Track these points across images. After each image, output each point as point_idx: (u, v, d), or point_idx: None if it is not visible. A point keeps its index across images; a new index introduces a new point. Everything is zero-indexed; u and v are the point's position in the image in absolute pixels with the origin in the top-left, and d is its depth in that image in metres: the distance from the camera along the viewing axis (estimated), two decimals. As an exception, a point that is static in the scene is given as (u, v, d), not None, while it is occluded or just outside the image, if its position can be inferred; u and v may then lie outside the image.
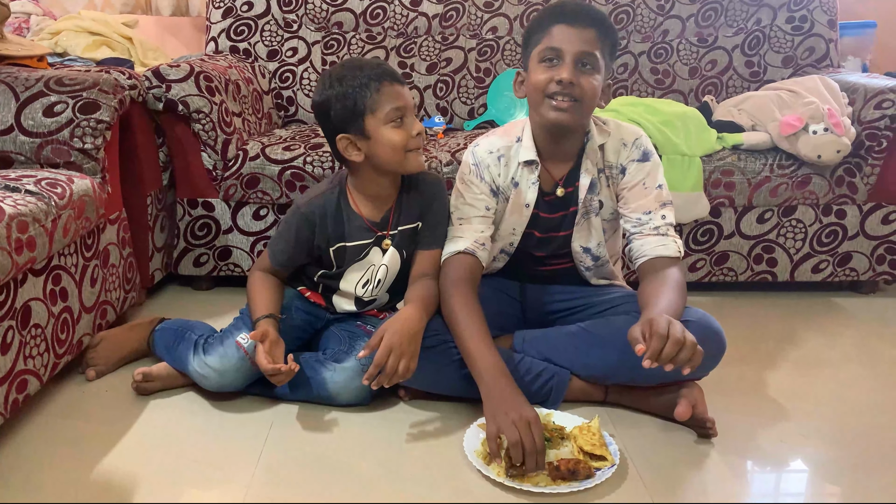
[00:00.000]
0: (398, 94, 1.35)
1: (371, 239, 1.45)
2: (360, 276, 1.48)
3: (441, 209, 1.47)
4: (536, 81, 1.36)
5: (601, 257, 1.51)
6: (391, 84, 1.34)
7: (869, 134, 1.96)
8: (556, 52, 1.33)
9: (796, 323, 1.93)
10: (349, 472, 1.24)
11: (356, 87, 1.33)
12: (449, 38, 2.46)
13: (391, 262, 1.47)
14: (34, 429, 1.34)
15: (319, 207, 1.43)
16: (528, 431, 1.16)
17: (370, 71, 1.34)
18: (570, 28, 1.32)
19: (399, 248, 1.47)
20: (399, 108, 1.34)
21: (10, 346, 1.24)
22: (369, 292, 1.50)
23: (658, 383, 1.39)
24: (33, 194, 1.31)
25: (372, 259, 1.47)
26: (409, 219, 1.46)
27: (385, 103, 1.33)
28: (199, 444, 1.31)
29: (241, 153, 1.92)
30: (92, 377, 1.51)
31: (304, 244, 1.45)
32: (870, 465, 1.29)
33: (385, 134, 1.34)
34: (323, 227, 1.43)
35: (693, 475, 1.26)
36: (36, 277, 1.33)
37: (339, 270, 1.48)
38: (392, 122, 1.34)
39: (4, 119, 1.52)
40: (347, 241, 1.45)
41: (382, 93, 1.33)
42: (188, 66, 1.88)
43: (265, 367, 1.32)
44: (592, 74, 1.34)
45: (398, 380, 1.29)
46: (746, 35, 2.45)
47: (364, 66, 1.36)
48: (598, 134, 1.44)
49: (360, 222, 1.44)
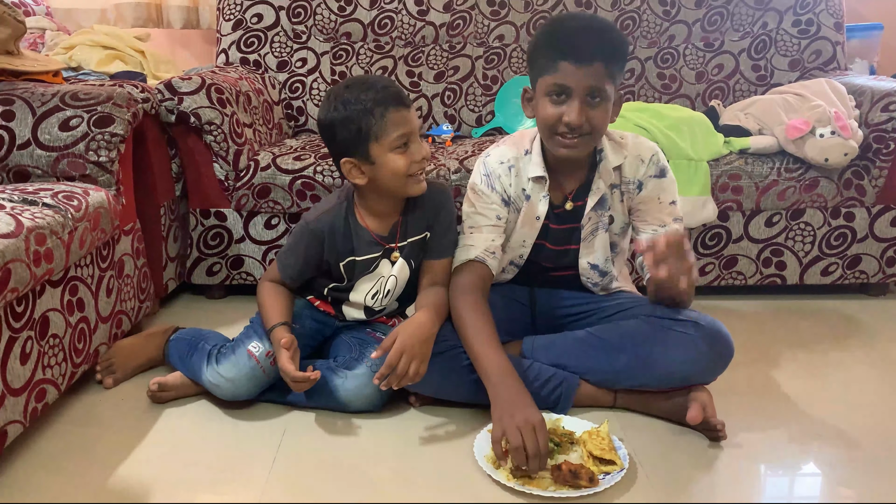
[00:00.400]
0: (403, 120, 1.33)
1: (380, 252, 1.46)
2: (370, 287, 1.50)
3: (448, 218, 1.48)
4: (545, 115, 1.34)
5: (608, 272, 1.52)
6: (396, 109, 1.32)
7: (876, 136, 1.96)
8: (563, 88, 1.30)
9: (806, 326, 1.93)
10: (361, 476, 1.26)
11: (361, 112, 1.31)
12: (456, 46, 2.48)
13: (400, 273, 1.49)
14: (53, 436, 1.36)
15: (328, 224, 1.44)
16: (531, 435, 1.18)
17: (375, 95, 1.31)
18: (578, 67, 1.28)
19: (408, 258, 1.48)
20: (404, 135, 1.33)
21: (29, 357, 1.27)
22: (379, 302, 1.52)
23: (667, 388, 1.40)
24: (50, 207, 1.34)
25: (381, 271, 1.48)
26: (417, 230, 1.47)
27: (390, 130, 1.32)
28: (214, 450, 1.33)
29: (252, 163, 1.94)
30: (109, 385, 1.54)
31: (314, 259, 1.47)
32: (882, 467, 1.29)
33: (389, 159, 1.34)
34: (332, 242, 1.45)
35: (703, 478, 1.26)
36: (54, 289, 1.36)
37: (349, 284, 1.50)
38: (397, 148, 1.34)
39: (22, 133, 1.55)
40: (357, 256, 1.46)
41: (388, 119, 1.31)
42: (199, 79, 1.91)
43: (294, 374, 1.33)
44: (602, 105, 1.31)
45: (408, 382, 1.31)
46: (753, 39, 2.46)
47: (369, 87, 1.33)
48: (612, 153, 1.43)
49: (369, 236, 1.45)
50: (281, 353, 1.35)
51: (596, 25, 1.34)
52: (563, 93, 1.31)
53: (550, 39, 1.33)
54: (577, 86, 1.29)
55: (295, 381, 1.34)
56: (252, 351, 1.41)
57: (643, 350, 1.38)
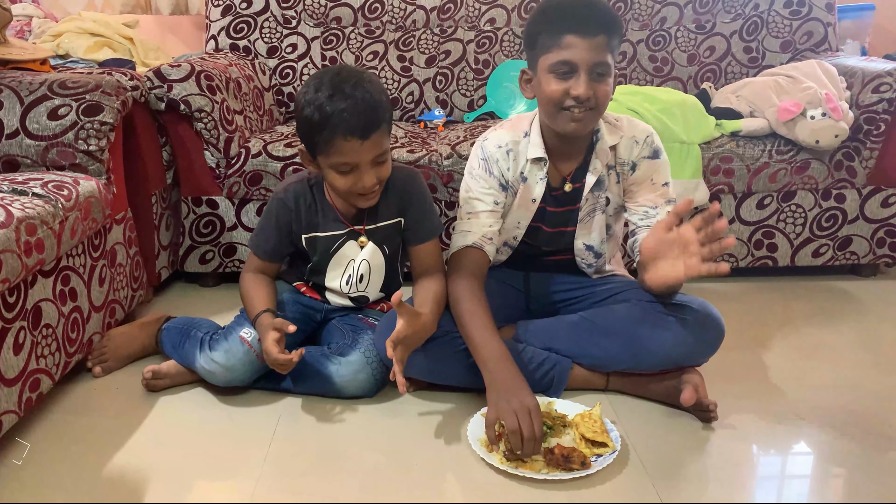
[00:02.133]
0: (352, 150, 1.28)
1: (343, 231, 1.46)
2: (340, 272, 1.50)
3: (421, 202, 1.47)
4: (550, 92, 1.33)
5: (603, 254, 1.53)
6: (346, 139, 1.27)
7: (867, 118, 1.97)
8: (569, 65, 1.30)
9: (797, 307, 1.94)
10: (356, 461, 1.27)
11: (317, 122, 1.28)
12: (447, 30, 2.47)
13: (372, 259, 1.48)
14: (47, 426, 1.37)
15: (295, 193, 1.45)
16: (527, 419, 1.19)
17: (334, 112, 1.26)
18: (583, 39, 1.28)
19: (381, 244, 1.48)
20: (348, 164, 1.31)
21: (22, 347, 1.27)
22: (354, 287, 1.51)
23: (659, 370, 1.42)
24: (40, 197, 1.34)
25: (348, 254, 1.48)
26: (388, 215, 1.46)
27: (333, 156, 1.30)
28: (209, 437, 1.34)
29: (243, 151, 1.94)
30: (98, 373, 1.54)
31: (285, 229, 1.47)
32: (873, 447, 1.31)
33: (330, 175, 1.34)
34: (298, 212, 1.45)
35: (694, 459, 1.28)
36: (45, 279, 1.36)
37: (316, 263, 1.49)
38: (339, 171, 1.32)
39: (10, 123, 1.54)
40: (319, 232, 1.46)
41: (335, 144, 1.28)
42: (189, 66, 1.90)
43: (276, 356, 1.31)
44: (606, 80, 1.32)
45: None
46: (744, 21, 2.45)
47: (339, 98, 1.26)
48: (608, 133, 1.43)
49: (334, 214, 1.45)
50: (268, 334, 1.33)
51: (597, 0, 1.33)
52: (568, 68, 1.30)
53: (553, 15, 1.32)
54: (582, 60, 1.29)
55: (277, 362, 1.33)
56: (244, 336, 1.42)
57: (635, 334, 1.39)
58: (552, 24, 1.31)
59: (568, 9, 1.31)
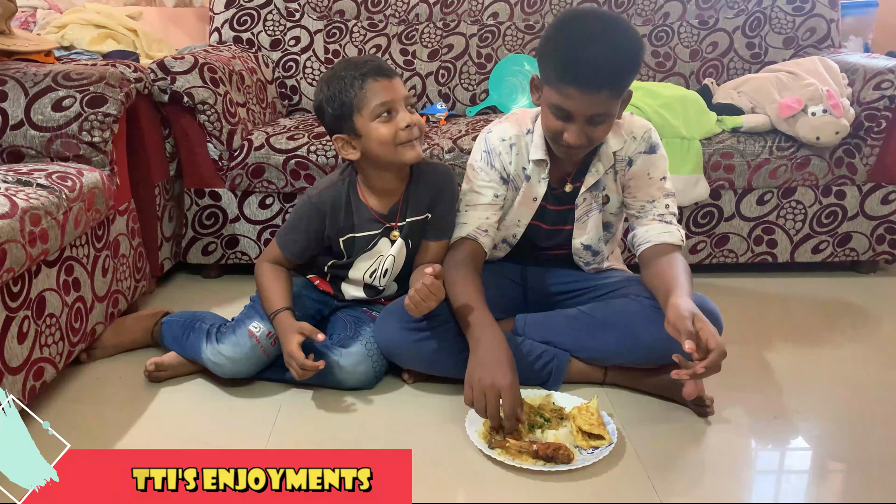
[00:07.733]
0: (384, 89, 1.35)
1: (379, 230, 1.48)
2: (368, 265, 1.51)
3: (450, 199, 1.49)
4: (547, 124, 1.35)
5: (601, 252, 1.54)
6: (375, 79, 1.34)
7: (868, 115, 1.97)
8: (566, 112, 1.28)
9: (796, 303, 1.95)
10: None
11: (342, 88, 1.35)
12: (450, 24, 2.47)
13: (398, 253, 1.50)
14: (51, 414, 1.38)
15: (330, 198, 1.46)
16: (494, 401, 1.21)
17: (355, 70, 1.35)
18: (583, 94, 1.24)
19: (406, 239, 1.50)
20: (385, 103, 1.35)
21: (26, 336, 1.29)
22: (377, 280, 1.53)
23: (656, 364, 1.42)
24: (45, 188, 1.35)
25: (380, 249, 1.50)
26: (418, 210, 1.48)
27: (370, 99, 1.34)
28: (210, 427, 1.36)
29: (246, 143, 1.95)
30: (84, 359, 1.56)
31: (316, 234, 1.48)
32: (870, 441, 1.32)
33: (374, 129, 1.36)
34: (333, 217, 1.46)
35: (690, 453, 1.29)
36: (49, 269, 1.37)
37: (349, 261, 1.51)
38: (379, 117, 1.35)
39: (15, 114, 1.55)
40: (356, 232, 1.47)
41: (367, 89, 1.34)
42: (192, 58, 1.91)
43: (304, 362, 1.34)
44: (604, 125, 1.31)
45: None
46: (747, 16, 2.45)
47: (351, 65, 1.37)
48: (613, 138, 1.42)
49: (369, 214, 1.47)
50: (293, 338, 1.36)
51: (611, 55, 1.22)
52: (566, 114, 1.29)
53: (563, 59, 1.25)
54: (579, 112, 1.27)
55: (304, 368, 1.36)
56: (253, 331, 1.43)
57: (633, 328, 1.40)
58: (559, 68, 1.26)
59: (577, 62, 1.23)
